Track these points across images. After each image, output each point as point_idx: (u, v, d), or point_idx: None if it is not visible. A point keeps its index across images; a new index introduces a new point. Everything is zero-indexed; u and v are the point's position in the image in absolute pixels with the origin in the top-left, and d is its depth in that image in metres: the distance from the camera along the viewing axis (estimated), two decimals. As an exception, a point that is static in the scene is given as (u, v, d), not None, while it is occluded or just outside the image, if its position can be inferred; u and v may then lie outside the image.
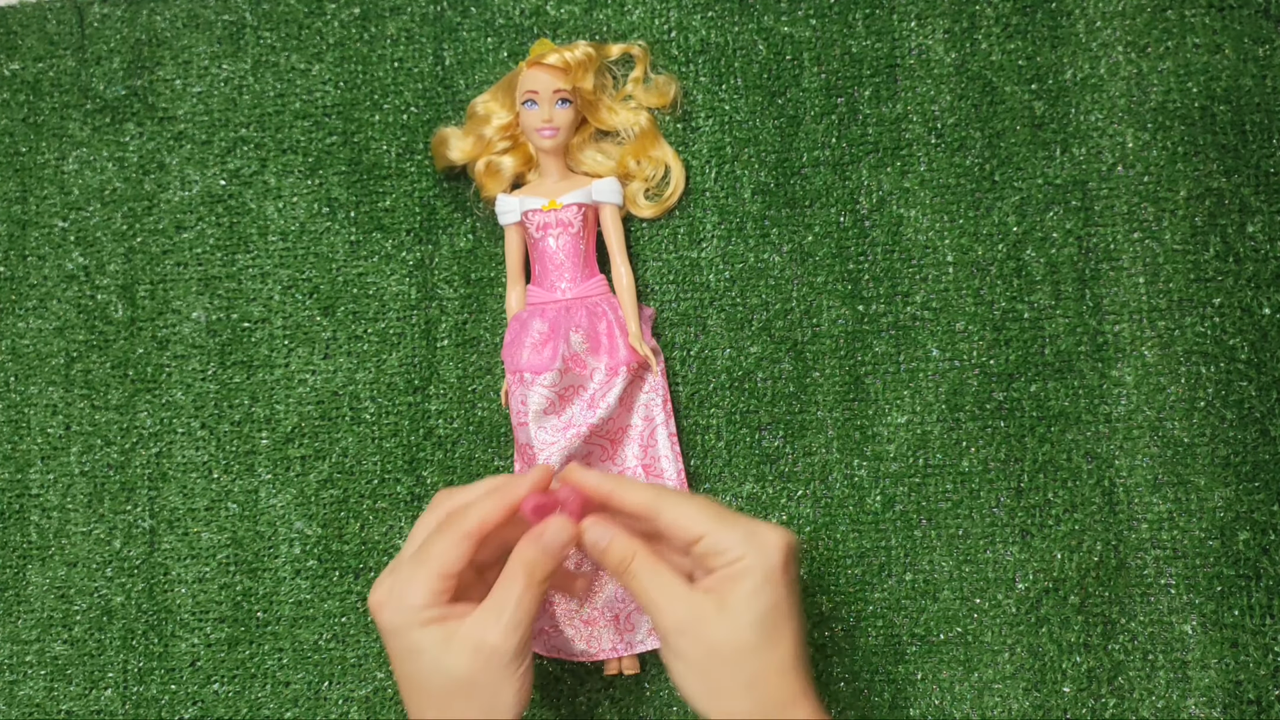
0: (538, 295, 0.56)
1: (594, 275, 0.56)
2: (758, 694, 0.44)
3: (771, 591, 0.44)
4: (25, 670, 0.60)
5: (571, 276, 0.55)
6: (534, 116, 0.55)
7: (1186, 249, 0.56)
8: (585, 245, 0.56)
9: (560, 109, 0.55)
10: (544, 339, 0.55)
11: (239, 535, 0.60)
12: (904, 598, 0.56)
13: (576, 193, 0.56)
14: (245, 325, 0.61)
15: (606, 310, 0.55)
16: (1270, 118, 0.56)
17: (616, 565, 0.46)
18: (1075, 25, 0.58)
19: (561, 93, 0.55)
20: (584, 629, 0.55)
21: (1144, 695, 0.54)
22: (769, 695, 0.44)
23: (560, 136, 0.56)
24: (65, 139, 0.64)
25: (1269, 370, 0.55)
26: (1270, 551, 0.54)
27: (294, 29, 0.63)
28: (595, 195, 0.56)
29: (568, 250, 0.55)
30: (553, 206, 0.55)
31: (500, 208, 0.57)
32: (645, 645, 0.55)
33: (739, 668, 0.43)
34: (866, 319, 0.58)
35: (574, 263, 0.55)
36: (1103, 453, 0.56)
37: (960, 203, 0.58)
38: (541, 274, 0.56)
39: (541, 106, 0.55)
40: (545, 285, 0.56)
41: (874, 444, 0.57)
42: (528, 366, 0.54)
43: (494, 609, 0.44)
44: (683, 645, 0.44)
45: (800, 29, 0.60)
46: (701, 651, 0.43)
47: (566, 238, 0.55)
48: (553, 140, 0.55)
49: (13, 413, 0.62)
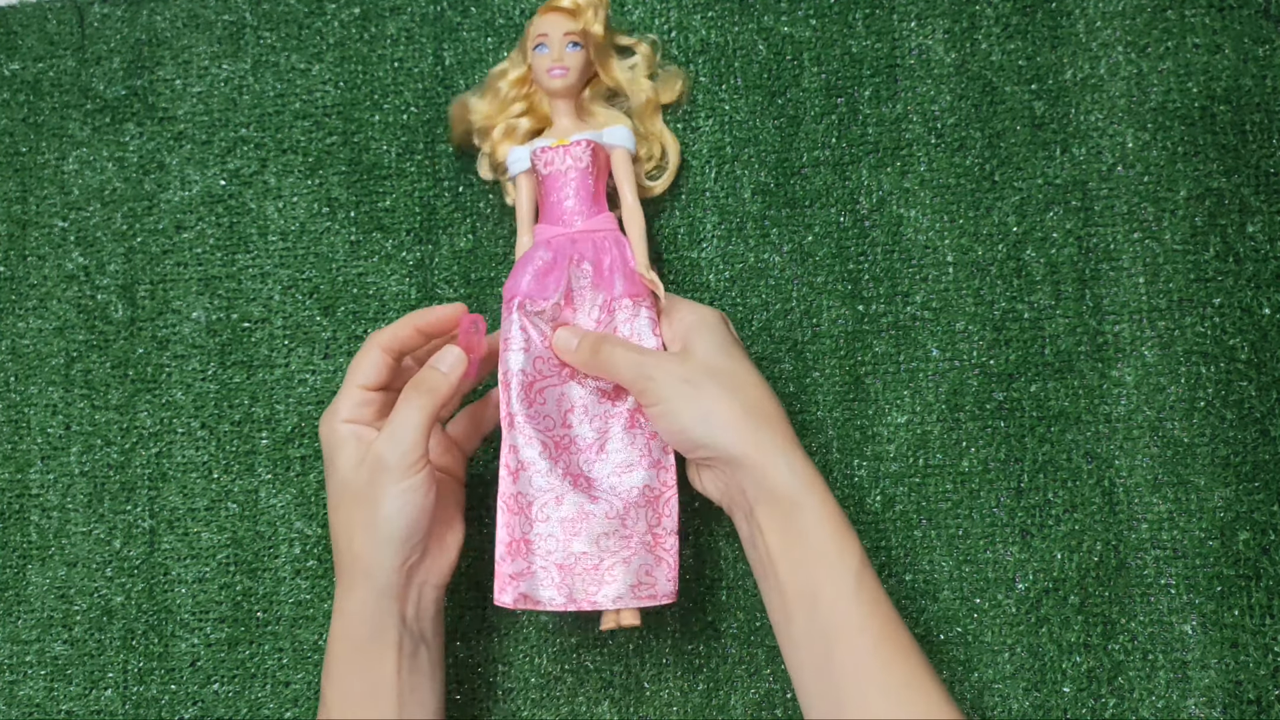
0: (545, 231, 0.54)
1: (603, 211, 0.55)
2: (743, 401, 0.48)
3: (722, 331, 0.51)
4: (25, 670, 0.60)
5: (579, 210, 0.54)
6: (544, 59, 0.54)
7: (1186, 249, 0.56)
8: (594, 182, 0.55)
9: (571, 51, 0.54)
10: (547, 267, 0.53)
11: (239, 535, 0.60)
12: (904, 598, 0.56)
13: (587, 131, 0.55)
14: (245, 325, 0.61)
15: (612, 246, 0.54)
16: (1270, 118, 0.56)
17: (591, 355, 0.51)
18: (1075, 25, 0.58)
19: (572, 35, 0.54)
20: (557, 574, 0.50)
21: (1144, 695, 0.54)
22: (753, 403, 0.49)
23: (570, 77, 0.54)
24: (65, 139, 0.64)
25: (1269, 370, 0.55)
26: (1270, 551, 0.54)
27: (294, 29, 0.63)
28: (606, 138, 0.55)
29: (576, 185, 0.54)
30: (562, 143, 0.54)
31: (511, 158, 0.56)
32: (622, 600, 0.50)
33: (719, 385, 0.48)
34: (866, 319, 0.58)
35: (582, 197, 0.54)
36: (1103, 453, 0.56)
37: (960, 203, 0.58)
38: (550, 210, 0.55)
39: (552, 49, 0.54)
40: (553, 220, 0.54)
41: (874, 444, 0.57)
42: (527, 293, 0.53)
43: (387, 425, 0.49)
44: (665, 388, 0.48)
45: (800, 29, 0.60)
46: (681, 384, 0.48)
47: (575, 173, 0.54)
48: (563, 80, 0.54)
49: (13, 413, 0.62)
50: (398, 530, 0.48)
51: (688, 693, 0.56)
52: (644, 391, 0.49)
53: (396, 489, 0.48)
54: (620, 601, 0.50)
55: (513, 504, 0.50)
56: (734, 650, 0.56)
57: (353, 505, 0.49)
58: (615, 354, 0.50)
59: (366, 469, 0.48)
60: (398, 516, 0.48)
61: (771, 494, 0.47)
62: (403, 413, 0.48)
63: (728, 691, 0.56)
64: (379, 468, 0.48)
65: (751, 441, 0.48)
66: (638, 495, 0.51)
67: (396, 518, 0.48)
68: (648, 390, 0.49)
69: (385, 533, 0.48)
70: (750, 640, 0.56)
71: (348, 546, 0.49)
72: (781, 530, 0.47)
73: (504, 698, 0.57)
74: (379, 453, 0.48)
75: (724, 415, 0.48)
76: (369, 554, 0.48)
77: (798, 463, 0.48)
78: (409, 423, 0.48)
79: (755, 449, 0.47)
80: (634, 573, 0.50)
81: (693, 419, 0.48)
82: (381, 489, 0.48)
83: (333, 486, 0.50)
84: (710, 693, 0.56)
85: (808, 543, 0.47)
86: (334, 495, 0.50)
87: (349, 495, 0.49)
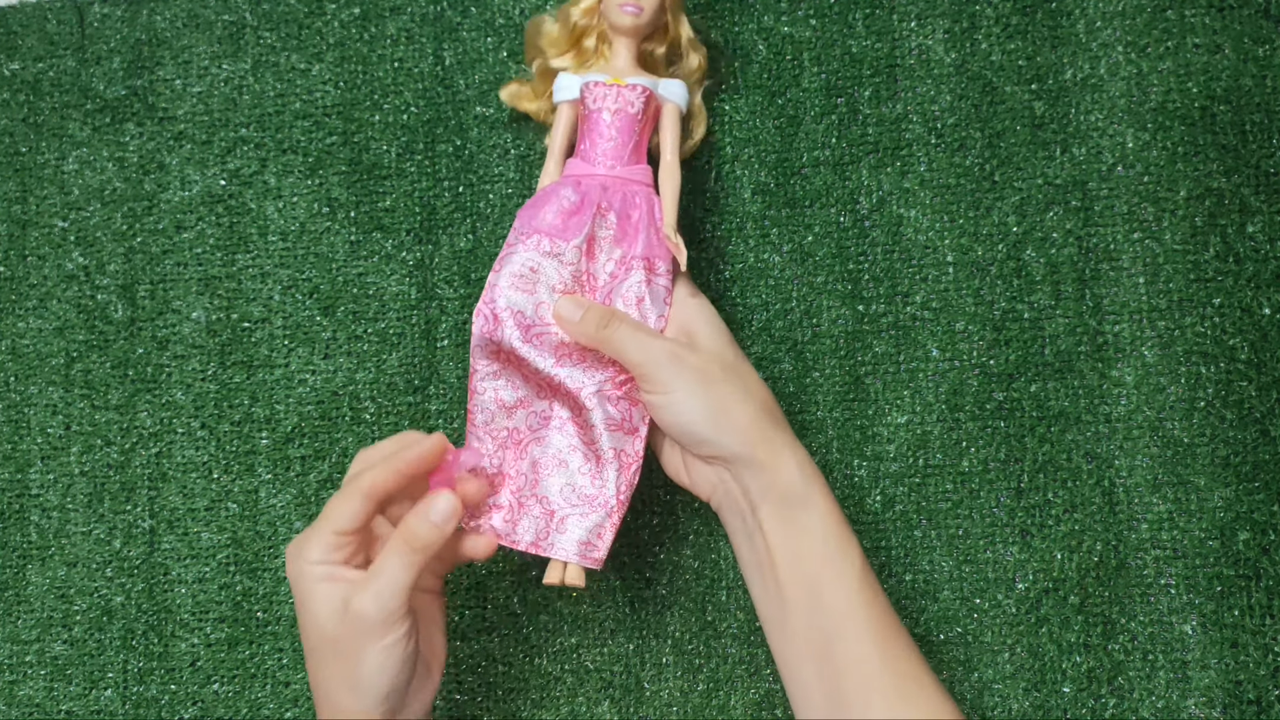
0: (577, 167, 0.52)
1: (640, 163, 0.53)
2: (756, 399, 0.48)
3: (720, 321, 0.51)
4: (25, 670, 0.60)
5: (617, 155, 0.52)
6: None
7: (1186, 249, 0.56)
8: (640, 130, 0.52)
9: None
10: (573, 208, 0.51)
11: (239, 535, 0.60)
12: (904, 598, 0.56)
13: (645, 78, 0.53)
14: (245, 325, 0.61)
15: (642, 201, 0.52)
16: (1270, 118, 0.56)
17: (595, 329, 0.49)
18: (1075, 25, 0.58)
19: None
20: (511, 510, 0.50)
21: (1144, 695, 0.54)
22: (763, 400, 0.48)
23: (643, 17, 0.52)
24: (65, 139, 0.64)
25: (1269, 370, 0.55)
26: (1270, 551, 0.54)
27: (294, 29, 0.63)
28: (662, 90, 0.53)
29: (620, 127, 0.52)
30: (617, 82, 0.52)
31: (559, 83, 0.54)
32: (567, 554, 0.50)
33: (730, 381, 0.48)
34: (866, 319, 0.58)
35: (624, 140, 0.52)
36: (1103, 453, 0.56)
37: (960, 203, 0.58)
38: (588, 148, 0.52)
39: None
40: (588, 159, 0.52)
41: (874, 444, 0.57)
42: (549, 229, 0.50)
43: (370, 575, 0.45)
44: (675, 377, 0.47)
45: (800, 29, 0.60)
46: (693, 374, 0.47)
47: (624, 116, 0.52)
48: (634, 19, 0.52)
49: (13, 413, 0.62)
50: (381, 687, 0.45)
51: (688, 693, 0.56)
52: (649, 379, 0.48)
53: (379, 646, 0.45)
54: (566, 555, 0.49)
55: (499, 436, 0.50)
56: (734, 650, 0.56)
57: (332, 658, 0.45)
58: (623, 333, 0.49)
59: (348, 625, 0.45)
60: (380, 674, 0.45)
61: (779, 494, 0.47)
62: (390, 569, 0.45)
63: (728, 691, 0.56)
64: (361, 626, 0.44)
65: (762, 442, 0.47)
66: (613, 456, 0.50)
67: (379, 675, 0.45)
68: (654, 378, 0.48)
69: (368, 688, 0.45)
70: (750, 640, 0.56)
71: (327, 697, 0.46)
72: (785, 530, 0.47)
73: (504, 698, 0.57)
74: (361, 610, 0.44)
75: (737, 415, 0.47)
76: (352, 707, 0.46)
77: (805, 462, 0.48)
78: (396, 581, 0.44)
79: (766, 450, 0.47)
80: (587, 531, 0.50)
81: (702, 415, 0.47)
82: (363, 647, 0.45)
83: (308, 632, 0.46)
84: (710, 693, 0.56)
85: (812, 542, 0.47)
86: (310, 641, 0.46)
87: (327, 646, 0.45)
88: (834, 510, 0.47)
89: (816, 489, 0.47)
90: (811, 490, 0.47)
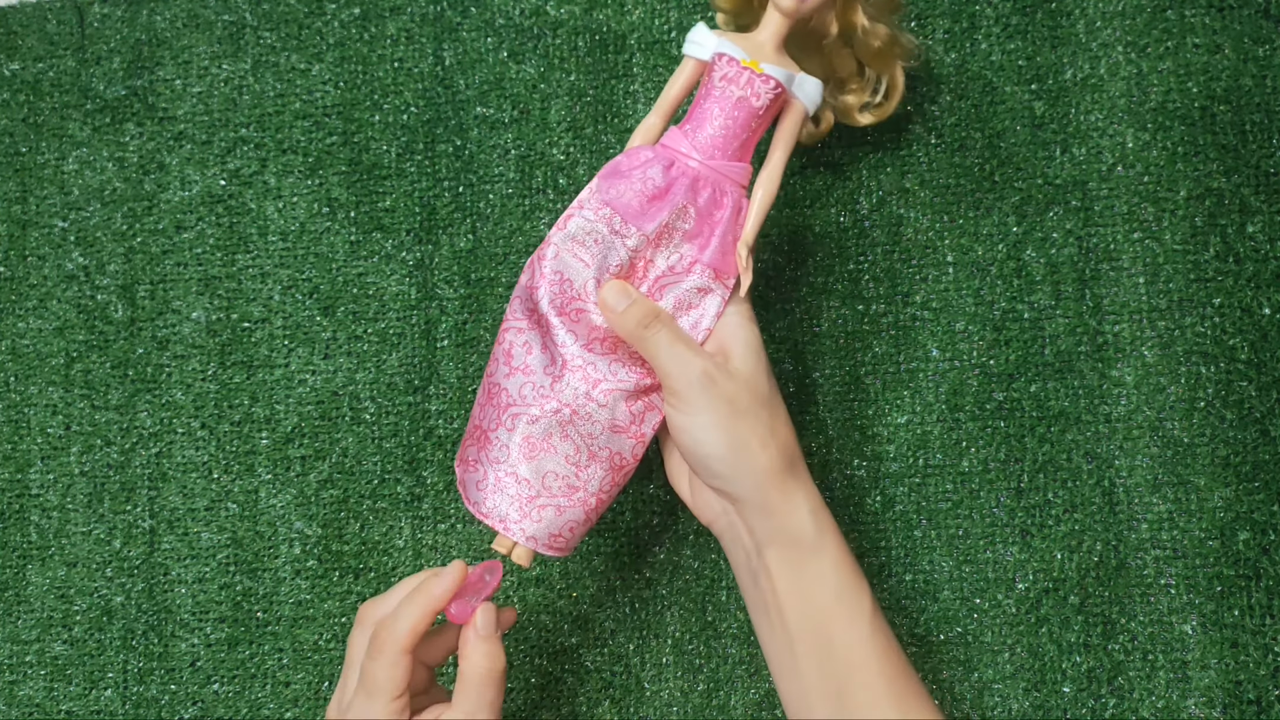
0: (677, 141, 0.49)
1: (743, 161, 0.49)
2: (779, 441, 0.46)
3: (762, 355, 0.48)
4: (25, 670, 0.60)
5: (723, 147, 0.48)
6: None
7: (1186, 249, 0.56)
8: (756, 126, 0.48)
9: None
10: (657, 193, 0.48)
11: (239, 535, 0.60)
12: (904, 598, 0.56)
13: (782, 70, 0.48)
14: (245, 325, 0.61)
15: (730, 203, 0.48)
16: (1270, 118, 0.56)
17: (635, 326, 0.46)
18: (1075, 25, 0.58)
19: None
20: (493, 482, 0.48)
21: (1144, 695, 0.54)
22: (785, 443, 0.47)
23: (809, 5, 0.47)
24: (65, 139, 0.64)
25: (1269, 370, 0.55)
26: (1270, 551, 0.54)
27: (294, 29, 0.63)
28: (796, 87, 0.49)
29: (737, 116, 0.48)
30: (753, 65, 0.47)
31: (694, 36, 0.49)
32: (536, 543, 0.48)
33: (758, 417, 0.46)
34: (866, 319, 0.58)
35: (736, 132, 0.48)
36: (1103, 453, 0.56)
37: (960, 203, 0.58)
38: (695, 127, 0.48)
39: None
40: (690, 138, 0.48)
41: (874, 444, 0.57)
42: (625, 210, 0.48)
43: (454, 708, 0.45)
44: (705, 400, 0.45)
45: (800, 29, 0.60)
46: (724, 404, 0.45)
47: (745, 107, 0.48)
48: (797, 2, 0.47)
49: (13, 413, 0.62)
50: None
51: (688, 693, 0.56)
52: (677, 394, 0.46)
53: None
54: (532, 542, 0.48)
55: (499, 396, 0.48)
56: (734, 650, 0.56)
57: None
58: (661, 339, 0.46)
59: None
60: None
61: (788, 538, 0.46)
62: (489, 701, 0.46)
63: (728, 691, 0.56)
64: None
65: (776, 488, 0.46)
66: (606, 456, 0.48)
67: None
68: (682, 395, 0.46)
69: None
70: (750, 640, 0.56)
71: None
72: (793, 575, 0.46)
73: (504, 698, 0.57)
74: None
75: (758, 457, 0.45)
76: None
77: (818, 508, 0.46)
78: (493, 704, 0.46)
79: (779, 495, 0.46)
80: (560, 523, 0.48)
81: (722, 449, 0.45)
82: None
83: None
84: (710, 693, 0.56)
85: (824, 590, 0.46)
86: None
87: None
88: (845, 556, 0.46)
89: (829, 535, 0.46)
90: (824, 537, 0.46)
